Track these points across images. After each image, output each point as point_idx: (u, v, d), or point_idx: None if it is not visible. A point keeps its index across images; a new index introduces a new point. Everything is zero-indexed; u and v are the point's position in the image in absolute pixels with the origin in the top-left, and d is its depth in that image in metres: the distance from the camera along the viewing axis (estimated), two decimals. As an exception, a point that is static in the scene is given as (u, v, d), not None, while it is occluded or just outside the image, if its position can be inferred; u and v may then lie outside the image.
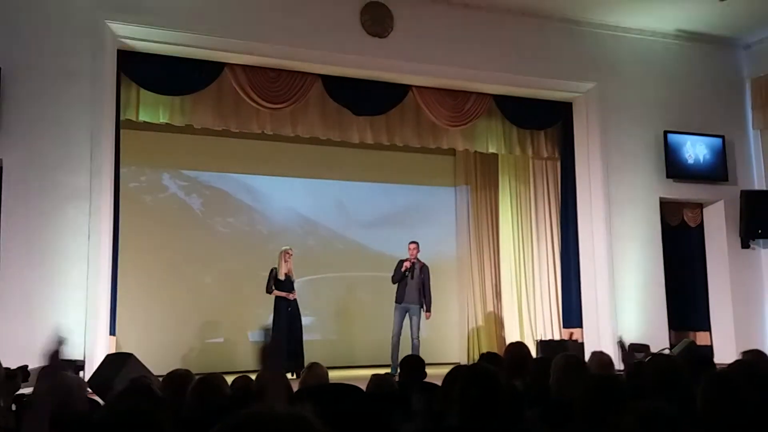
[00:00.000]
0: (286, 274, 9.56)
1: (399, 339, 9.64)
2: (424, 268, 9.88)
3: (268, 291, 9.58)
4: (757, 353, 4.71)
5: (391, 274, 9.89)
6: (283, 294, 9.51)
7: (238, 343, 10.62)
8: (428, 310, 9.84)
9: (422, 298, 9.79)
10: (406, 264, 9.77)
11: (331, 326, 11.25)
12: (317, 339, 10.54)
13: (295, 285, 9.70)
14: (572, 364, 3.74)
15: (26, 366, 6.68)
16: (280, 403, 2.22)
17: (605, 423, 2.49)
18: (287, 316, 9.48)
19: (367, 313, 11.39)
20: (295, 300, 9.58)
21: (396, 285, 9.82)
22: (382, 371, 4.93)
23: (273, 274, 9.59)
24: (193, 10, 8.23)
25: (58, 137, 7.54)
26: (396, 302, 9.80)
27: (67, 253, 7.44)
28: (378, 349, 10.87)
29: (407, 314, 9.75)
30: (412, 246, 9.90)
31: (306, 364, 5.03)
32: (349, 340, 11.30)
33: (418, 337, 9.71)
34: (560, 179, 10.81)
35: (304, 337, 9.64)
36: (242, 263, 10.82)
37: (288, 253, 9.66)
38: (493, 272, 11.85)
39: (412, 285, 9.77)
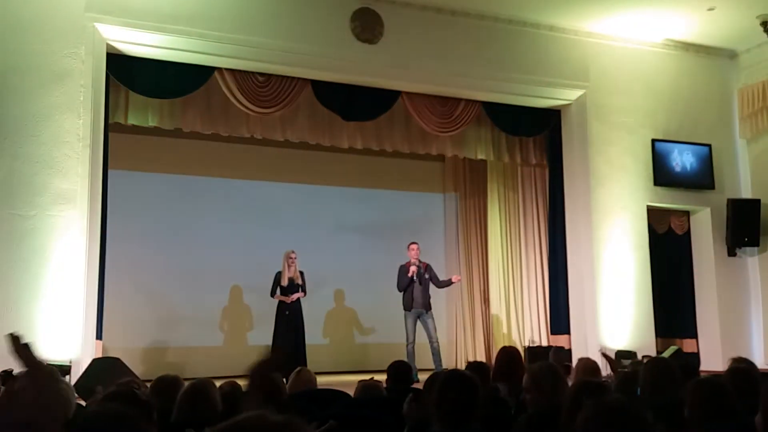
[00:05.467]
0: (289, 279, 9.52)
1: (414, 346, 9.43)
2: (428, 268, 9.73)
3: (271, 295, 9.59)
4: (745, 361, 4.73)
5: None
6: (282, 297, 9.49)
7: (227, 348, 10.60)
8: (449, 283, 9.97)
9: (430, 301, 9.62)
10: (412, 269, 9.55)
11: (324, 330, 11.23)
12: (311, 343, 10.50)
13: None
14: (547, 372, 3.72)
15: (11, 370, 6.66)
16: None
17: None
18: (286, 320, 9.43)
19: (356, 317, 11.42)
20: (297, 305, 9.53)
21: (402, 291, 9.63)
22: (379, 376, 4.91)
23: (277, 278, 9.58)
24: (182, 13, 8.20)
25: (46, 140, 7.50)
26: (405, 309, 9.58)
27: (55, 256, 7.39)
28: (371, 354, 10.91)
29: (419, 320, 9.55)
30: (414, 247, 9.69)
31: (309, 368, 5.02)
32: (343, 345, 11.30)
33: (437, 339, 9.58)
34: (548, 186, 10.85)
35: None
36: (232, 267, 10.78)
37: (290, 257, 9.60)
38: (481, 279, 11.85)
39: (420, 289, 9.55)
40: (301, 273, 9.69)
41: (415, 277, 9.54)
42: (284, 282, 9.50)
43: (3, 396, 3.02)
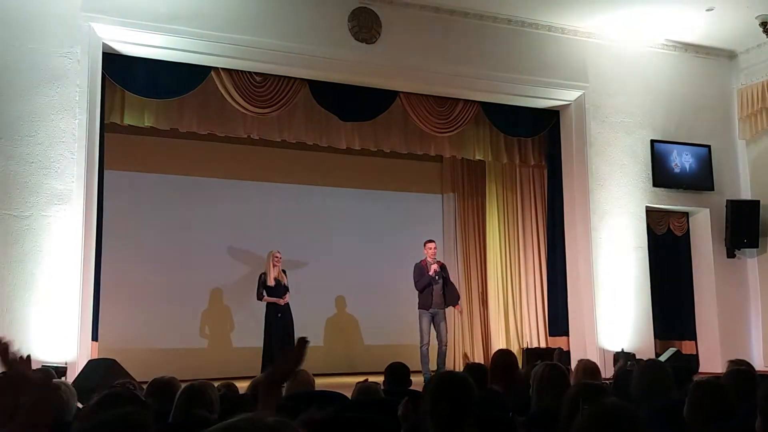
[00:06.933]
0: (276, 279, 9.43)
1: (429, 347, 9.18)
2: (444, 268, 9.52)
3: (259, 298, 9.48)
4: (744, 363, 4.71)
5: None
6: (273, 299, 9.39)
7: (221, 349, 10.56)
8: (457, 303, 9.68)
9: (445, 299, 9.37)
10: (435, 267, 9.30)
11: (318, 332, 11.20)
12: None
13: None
14: (552, 373, 3.72)
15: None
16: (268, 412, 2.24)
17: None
18: (278, 322, 9.33)
19: (352, 318, 11.39)
20: (287, 305, 9.44)
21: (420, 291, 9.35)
22: (374, 379, 4.87)
23: (262, 279, 9.47)
24: (179, 13, 8.16)
25: (41, 140, 7.46)
26: (422, 308, 9.29)
27: (50, 257, 7.35)
28: (367, 356, 10.87)
29: (433, 320, 9.29)
30: (432, 245, 9.44)
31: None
32: (338, 347, 11.26)
33: (446, 343, 9.40)
34: (547, 187, 10.83)
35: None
36: (227, 268, 10.75)
37: (276, 257, 9.52)
38: (479, 280, 11.83)
39: (438, 288, 9.31)
40: (284, 272, 9.61)
41: (437, 277, 9.32)
42: (271, 282, 9.40)
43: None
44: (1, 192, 7.30)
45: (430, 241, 9.55)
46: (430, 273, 9.29)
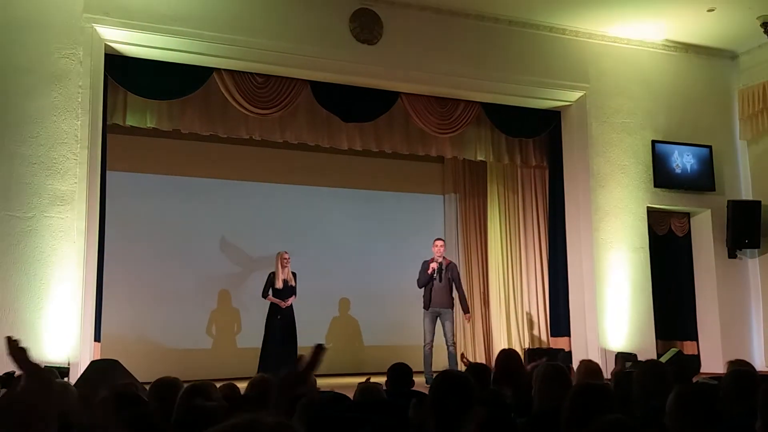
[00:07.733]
0: (284, 281, 9.41)
1: (432, 347, 9.16)
2: (450, 266, 9.43)
3: (263, 296, 9.49)
4: (744, 363, 4.71)
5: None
6: (276, 301, 9.39)
7: (224, 350, 10.56)
8: (467, 311, 9.59)
9: (452, 299, 9.33)
10: (433, 265, 9.25)
11: (319, 333, 11.20)
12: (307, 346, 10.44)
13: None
14: (554, 373, 3.72)
15: (13, 372, 6.64)
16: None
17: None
18: (278, 324, 9.31)
19: (354, 319, 11.39)
20: (289, 308, 9.41)
21: (422, 289, 9.32)
22: (374, 379, 4.88)
23: (270, 278, 9.47)
24: (181, 14, 8.18)
25: (43, 141, 7.48)
26: (424, 308, 9.29)
27: (53, 258, 7.37)
28: (369, 357, 10.88)
29: (437, 320, 9.25)
30: (439, 243, 9.42)
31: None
32: (340, 348, 11.26)
33: (454, 343, 9.36)
34: (548, 188, 10.83)
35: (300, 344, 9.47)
36: (229, 269, 10.76)
37: (284, 258, 9.50)
38: (481, 280, 11.82)
39: (440, 287, 9.24)
40: (294, 274, 9.60)
41: (435, 275, 9.25)
42: (279, 284, 9.38)
43: (3, 398, 3.02)
44: (4, 193, 7.31)
45: (438, 239, 9.58)
46: (428, 271, 9.28)
